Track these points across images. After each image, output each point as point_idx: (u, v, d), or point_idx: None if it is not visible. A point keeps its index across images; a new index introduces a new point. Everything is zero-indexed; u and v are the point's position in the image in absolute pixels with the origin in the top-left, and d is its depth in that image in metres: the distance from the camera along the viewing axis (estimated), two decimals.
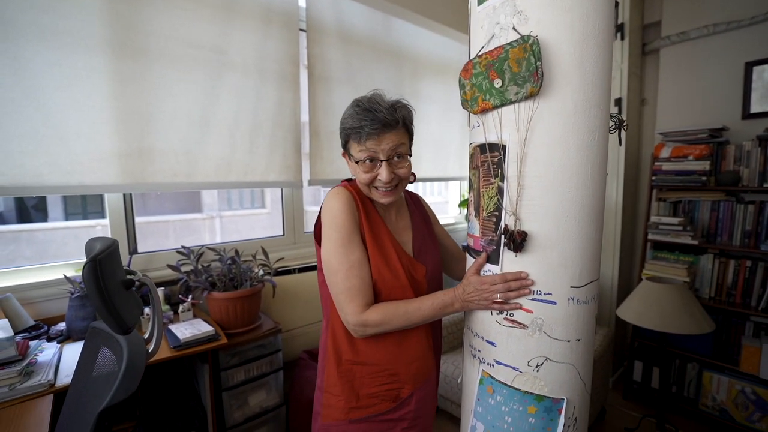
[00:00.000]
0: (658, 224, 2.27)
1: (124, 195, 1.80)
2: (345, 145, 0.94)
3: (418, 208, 1.12)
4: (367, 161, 0.89)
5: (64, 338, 1.48)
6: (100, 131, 1.60)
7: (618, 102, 2.38)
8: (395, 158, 0.90)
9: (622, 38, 2.34)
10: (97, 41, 1.56)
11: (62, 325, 1.52)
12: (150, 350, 0.81)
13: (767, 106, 2.10)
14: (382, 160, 0.89)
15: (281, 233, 2.34)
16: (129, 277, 0.76)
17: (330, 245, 0.89)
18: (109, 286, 0.66)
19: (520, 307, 0.81)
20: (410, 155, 0.94)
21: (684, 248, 2.28)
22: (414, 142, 0.98)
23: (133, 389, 0.66)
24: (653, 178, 2.30)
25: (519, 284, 0.81)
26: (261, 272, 1.86)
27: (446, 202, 3.72)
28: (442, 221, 1.21)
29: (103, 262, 0.67)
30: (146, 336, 0.85)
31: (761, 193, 2.07)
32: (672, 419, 2.21)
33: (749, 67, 2.14)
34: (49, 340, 1.45)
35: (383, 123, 0.86)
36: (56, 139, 1.51)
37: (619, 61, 2.38)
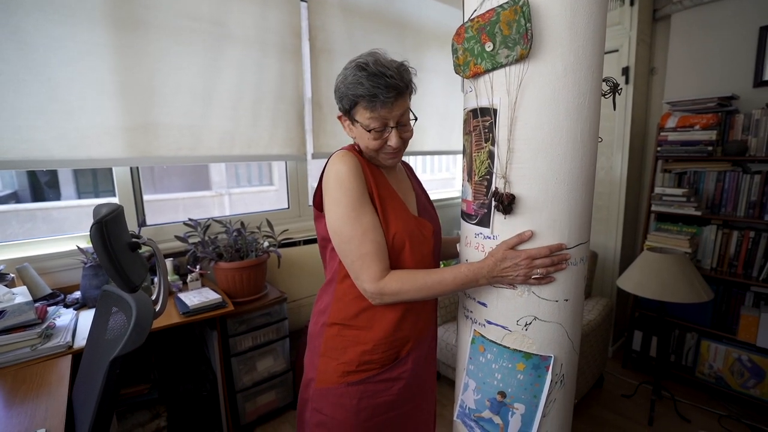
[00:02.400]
0: (662, 195, 2.25)
1: (131, 169, 1.84)
2: (349, 110, 0.89)
3: (411, 174, 1.12)
4: (377, 129, 0.86)
5: (80, 305, 1.56)
6: (104, 105, 1.63)
7: (625, 71, 2.33)
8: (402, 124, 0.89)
9: (632, 3, 2.26)
10: (97, 14, 1.57)
11: (78, 294, 1.60)
12: (157, 309, 0.87)
13: None
14: (392, 127, 0.87)
15: (286, 206, 2.38)
16: (134, 240, 0.80)
17: (340, 210, 0.86)
18: (116, 246, 0.70)
19: (555, 279, 0.81)
20: (415, 119, 0.93)
21: (687, 219, 2.27)
22: (419, 115, 0.97)
23: (141, 342, 0.71)
24: (658, 148, 2.27)
25: (560, 257, 0.80)
26: (266, 243, 1.91)
27: (453, 178, 3.72)
28: (448, 195, 1.22)
29: (108, 224, 0.71)
30: (153, 298, 0.91)
31: None
32: (668, 386, 2.26)
33: (764, 32, 2.06)
34: (66, 307, 1.53)
35: (397, 90, 0.83)
36: (63, 113, 1.55)
37: (627, 28, 2.31)
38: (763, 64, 2.08)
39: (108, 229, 0.70)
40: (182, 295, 1.64)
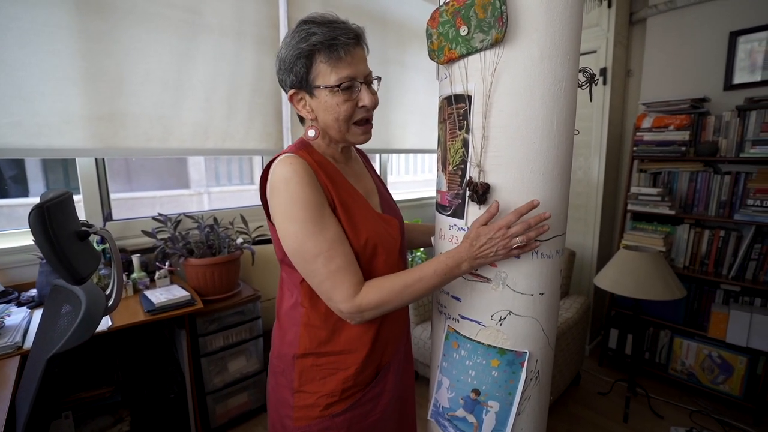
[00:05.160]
0: (638, 195, 2.29)
1: (96, 161, 1.75)
2: (306, 76, 0.76)
3: (365, 159, 1.02)
4: (346, 87, 0.75)
5: (36, 304, 1.47)
6: (66, 92, 1.54)
7: (603, 72, 2.36)
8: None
9: (609, 6, 2.29)
10: None
11: (33, 291, 1.50)
12: (110, 304, 0.81)
13: (749, 76, 2.10)
14: (361, 83, 0.77)
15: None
16: (84, 228, 0.74)
17: (298, 227, 0.73)
18: (59, 235, 0.64)
19: (539, 244, 0.75)
20: (378, 79, 0.84)
21: (662, 219, 2.31)
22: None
23: (86, 338, 0.65)
24: (634, 148, 2.30)
25: (537, 218, 0.72)
26: (240, 240, 1.85)
27: (435, 179, 3.70)
28: (429, 194, 1.17)
29: (51, 210, 0.65)
30: (107, 292, 0.84)
31: (738, 163, 2.09)
32: (643, 383, 2.29)
33: (734, 36, 2.12)
34: (20, 305, 1.43)
35: (356, 33, 0.75)
36: (19, 99, 1.46)
37: (605, 29, 2.34)
38: (732, 68, 2.14)
39: (50, 215, 0.64)
40: (149, 293, 1.57)
